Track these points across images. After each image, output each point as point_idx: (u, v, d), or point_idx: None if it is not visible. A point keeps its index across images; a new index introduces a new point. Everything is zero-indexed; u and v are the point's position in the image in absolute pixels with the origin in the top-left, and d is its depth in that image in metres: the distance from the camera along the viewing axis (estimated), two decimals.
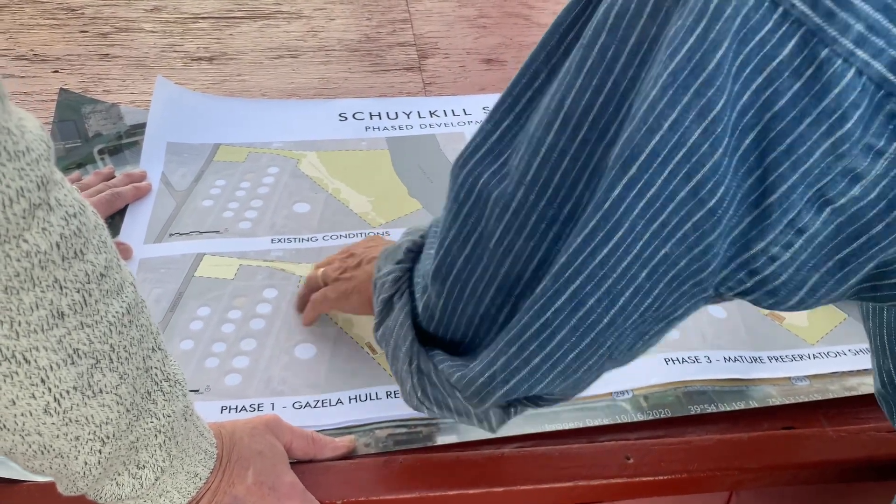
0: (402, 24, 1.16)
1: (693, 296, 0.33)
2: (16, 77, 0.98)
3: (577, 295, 0.33)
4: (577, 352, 0.35)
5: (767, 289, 0.32)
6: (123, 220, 0.74)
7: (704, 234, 0.30)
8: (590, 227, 0.32)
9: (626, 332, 0.35)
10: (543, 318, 0.35)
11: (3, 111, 0.27)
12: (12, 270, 0.29)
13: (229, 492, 0.45)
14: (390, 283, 0.46)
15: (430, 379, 0.43)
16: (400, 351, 0.44)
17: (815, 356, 0.62)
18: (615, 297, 0.33)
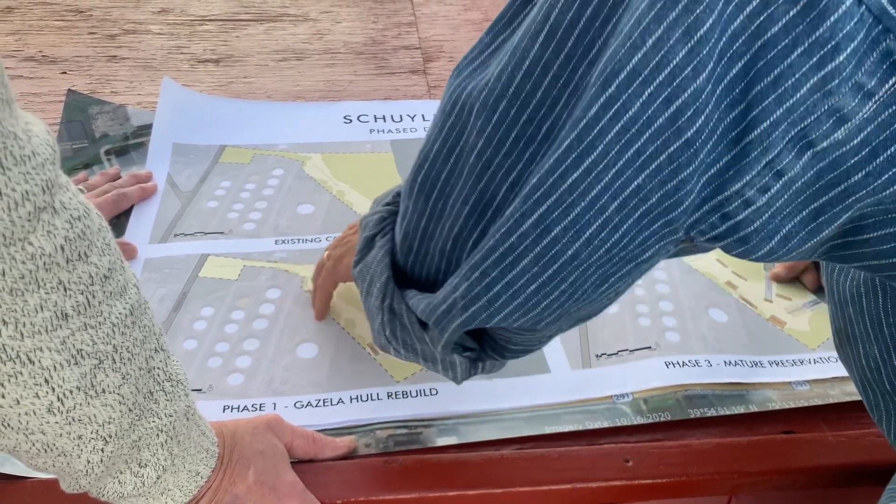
0: (407, 27, 1.17)
1: (663, 237, 0.32)
2: (24, 78, 0.99)
3: (543, 220, 0.32)
4: (538, 283, 0.34)
5: (739, 235, 0.31)
6: (129, 221, 0.75)
7: (679, 168, 0.29)
8: (563, 148, 0.30)
9: (590, 270, 0.33)
10: (508, 243, 0.33)
11: (10, 115, 0.28)
12: (17, 273, 0.30)
13: (230, 490, 0.46)
14: (375, 222, 0.45)
15: (402, 320, 0.42)
16: (374, 286, 0.43)
17: (815, 361, 0.63)
18: (582, 227, 0.31)
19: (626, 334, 0.64)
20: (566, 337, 0.64)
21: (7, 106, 0.27)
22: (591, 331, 0.65)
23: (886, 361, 0.42)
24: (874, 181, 0.29)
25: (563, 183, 0.31)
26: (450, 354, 0.42)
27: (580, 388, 0.59)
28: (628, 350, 0.63)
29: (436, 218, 0.38)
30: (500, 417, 0.57)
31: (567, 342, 0.64)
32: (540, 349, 0.43)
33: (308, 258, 0.72)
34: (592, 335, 0.64)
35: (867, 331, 0.42)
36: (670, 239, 0.32)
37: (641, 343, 0.63)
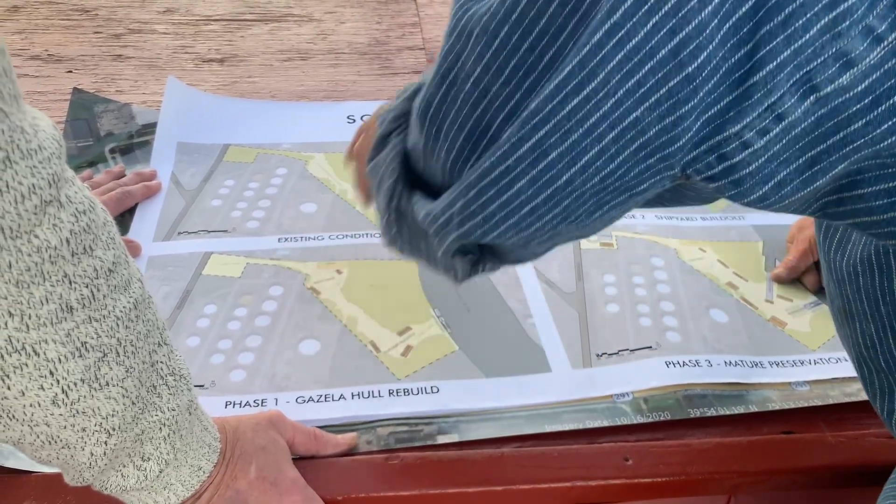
0: (411, 27, 1.17)
1: (658, 171, 0.32)
2: (30, 77, 0.99)
3: (541, 145, 0.32)
4: (532, 205, 0.34)
5: (733, 177, 0.31)
6: (133, 219, 0.75)
7: (678, 104, 0.29)
8: (564, 74, 0.30)
9: (585, 196, 0.33)
10: (504, 165, 0.33)
11: (17, 110, 0.28)
12: (23, 265, 0.30)
13: (232, 486, 0.46)
14: (390, 120, 0.45)
15: (407, 220, 0.42)
16: (383, 185, 0.43)
17: (815, 362, 0.63)
18: (578, 154, 0.31)
19: (627, 334, 0.64)
20: (567, 336, 0.64)
21: (15, 101, 0.28)
22: (592, 330, 0.65)
23: (882, 339, 0.42)
24: (873, 130, 0.29)
25: (562, 108, 0.31)
26: (450, 259, 0.43)
27: (581, 388, 0.60)
28: (629, 350, 0.63)
29: (432, 140, 0.38)
30: (501, 416, 0.58)
31: (568, 341, 0.64)
32: (537, 259, 0.43)
33: (311, 256, 0.72)
34: (593, 335, 0.64)
35: (864, 308, 0.42)
36: (666, 174, 0.32)
37: (642, 343, 0.63)
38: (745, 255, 0.75)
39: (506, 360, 0.62)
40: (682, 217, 0.79)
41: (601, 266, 0.72)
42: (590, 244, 0.75)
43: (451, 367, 0.61)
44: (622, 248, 0.74)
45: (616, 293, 0.69)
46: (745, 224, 0.79)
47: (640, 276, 0.71)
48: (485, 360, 0.62)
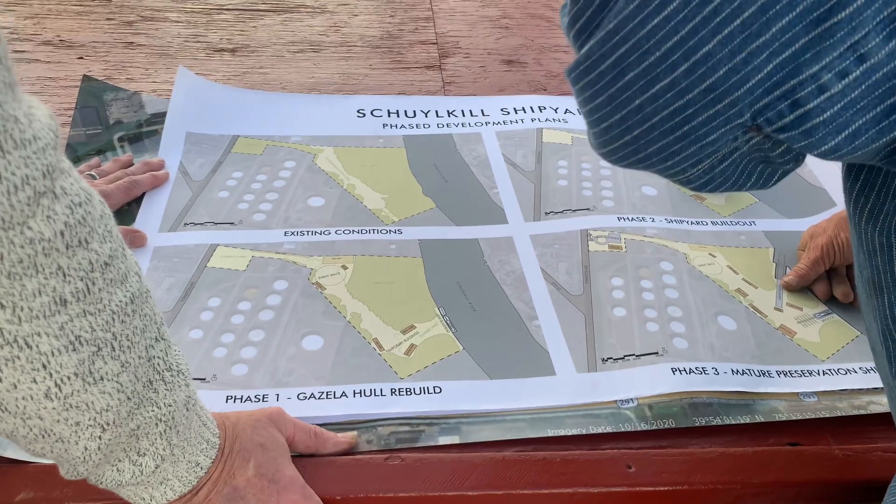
0: (424, 22, 1.16)
1: (728, 119, 0.31)
2: (41, 62, 0.99)
3: (620, 63, 0.31)
4: (608, 123, 0.34)
5: (806, 127, 0.30)
6: (140, 208, 0.75)
7: (749, 38, 0.28)
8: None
9: (655, 132, 0.33)
10: (589, 77, 0.33)
11: (12, 99, 0.28)
12: (16, 257, 0.29)
13: (229, 482, 0.46)
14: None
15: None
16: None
17: (824, 372, 0.62)
18: (652, 80, 0.31)
19: (634, 339, 0.63)
20: (573, 339, 0.63)
21: (9, 89, 0.27)
22: (598, 334, 0.64)
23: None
24: None
25: (642, 28, 0.30)
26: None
27: (585, 392, 0.59)
28: (635, 355, 0.62)
29: None
30: (504, 418, 0.57)
31: (573, 345, 0.63)
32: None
33: (316, 250, 0.72)
34: (599, 339, 0.64)
35: (895, 281, 0.41)
36: (736, 122, 0.31)
37: (648, 348, 0.62)
38: (755, 261, 0.74)
39: (510, 362, 0.61)
40: (692, 221, 0.78)
41: (609, 269, 0.71)
42: (598, 246, 0.74)
43: (454, 368, 0.61)
44: (631, 251, 0.73)
45: (623, 297, 0.68)
46: (756, 230, 0.78)
47: (648, 280, 0.70)
48: (489, 361, 0.61)
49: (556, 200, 0.80)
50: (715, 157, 0.34)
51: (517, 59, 1.08)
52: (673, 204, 0.80)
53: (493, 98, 0.96)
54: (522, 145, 0.88)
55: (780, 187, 0.88)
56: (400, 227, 0.75)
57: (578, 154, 0.86)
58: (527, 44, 1.12)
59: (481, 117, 0.92)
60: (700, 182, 0.36)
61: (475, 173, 0.83)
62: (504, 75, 1.04)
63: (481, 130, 0.90)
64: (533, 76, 1.04)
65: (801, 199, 0.82)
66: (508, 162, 0.85)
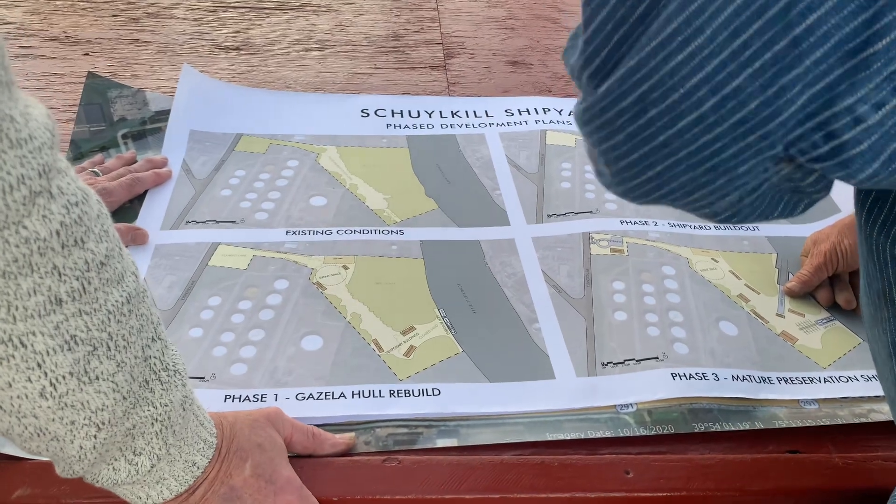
0: (430, 21, 1.16)
1: (759, 151, 0.31)
2: (47, 58, 0.99)
3: (643, 99, 0.31)
4: (628, 161, 0.33)
5: (841, 159, 0.29)
6: (142, 206, 0.75)
7: (781, 71, 0.28)
8: (674, 26, 0.29)
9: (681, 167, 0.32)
10: (606, 116, 0.32)
11: (8, 98, 0.27)
12: (10, 256, 0.29)
13: (226, 482, 0.46)
14: None
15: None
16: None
17: (826, 380, 0.61)
18: (677, 116, 0.30)
19: (634, 343, 0.63)
20: (573, 343, 0.63)
21: (6, 88, 0.27)
22: (599, 338, 0.64)
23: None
24: None
25: (666, 64, 0.30)
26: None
27: (584, 396, 0.59)
28: (635, 359, 0.62)
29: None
30: (502, 422, 0.57)
31: (573, 348, 0.63)
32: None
33: (318, 250, 0.72)
34: (599, 342, 0.63)
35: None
36: (767, 154, 0.31)
37: (649, 353, 0.62)
38: (757, 266, 0.73)
39: (509, 365, 0.61)
40: (695, 226, 0.78)
41: (611, 272, 0.71)
42: (600, 249, 0.73)
43: (453, 370, 0.60)
44: (633, 255, 0.73)
45: (625, 301, 0.68)
46: (759, 235, 0.77)
47: (649, 284, 0.70)
48: (488, 364, 0.61)
49: (559, 203, 0.79)
50: (744, 189, 0.33)
51: (522, 61, 1.08)
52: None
53: (497, 99, 0.96)
54: (526, 147, 0.88)
55: None
56: (402, 227, 0.75)
57: (582, 156, 0.86)
58: (532, 45, 1.12)
59: (485, 118, 0.92)
60: (726, 215, 0.36)
61: (478, 174, 0.83)
62: (509, 76, 1.04)
63: (485, 132, 0.90)
64: (538, 77, 1.04)
65: None
66: (511, 163, 0.85)
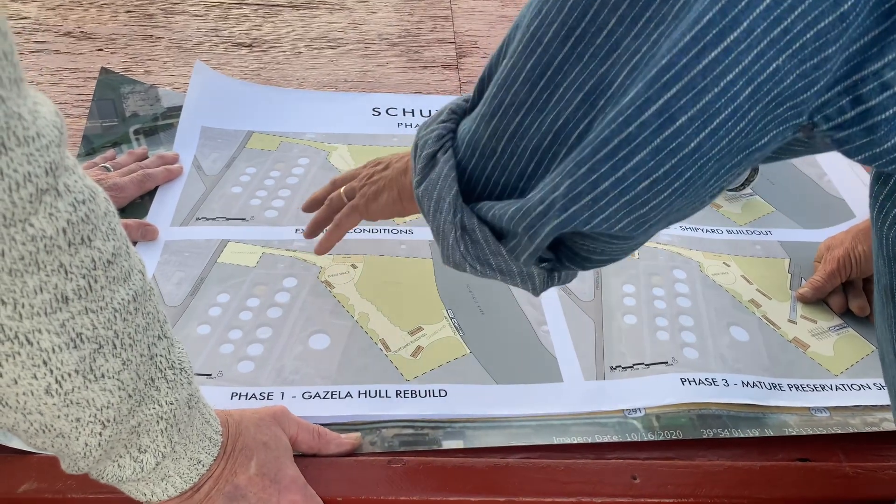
0: (443, 20, 1.16)
1: (785, 120, 0.29)
2: (61, 53, 1.00)
3: (668, 108, 0.29)
4: (651, 179, 0.31)
5: (867, 124, 0.29)
6: (153, 202, 0.75)
7: (824, 46, 0.27)
8: (704, 22, 0.27)
9: (709, 163, 0.31)
10: (625, 133, 0.31)
11: (17, 95, 0.27)
12: (17, 254, 0.29)
13: (231, 480, 0.46)
14: (433, 139, 0.43)
15: (473, 236, 0.41)
16: (444, 202, 0.42)
17: (837, 387, 0.61)
18: (710, 116, 0.29)
19: (644, 348, 0.63)
20: (582, 346, 0.63)
21: (15, 85, 0.27)
22: (608, 341, 0.63)
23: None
24: None
25: (697, 64, 0.28)
26: (528, 266, 0.41)
27: (592, 400, 0.58)
28: (644, 364, 0.61)
29: (537, 109, 0.35)
30: (509, 424, 0.56)
31: (582, 352, 0.62)
32: (623, 258, 0.40)
33: None
34: (608, 346, 0.63)
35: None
36: (792, 123, 0.30)
37: (658, 358, 0.62)
38: (770, 271, 0.72)
39: (517, 368, 0.61)
40: (707, 229, 0.77)
41: (621, 275, 0.70)
42: None
43: (460, 371, 0.60)
44: (644, 258, 0.72)
45: (634, 304, 0.67)
46: (772, 240, 0.77)
47: (660, 287, 0.69)
48: (496, 365, 0.61)
49: None
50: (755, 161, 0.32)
51: None
52: None
53: None
54: None
55: (799, 197, 0.86)
56: (411, 227, 0.75)
57: None
58: None
59: None
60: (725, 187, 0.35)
61: None
62: None
63: None
64: None
65: (820, 210, 0.81)
66: None
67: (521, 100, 0.36)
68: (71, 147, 0.80)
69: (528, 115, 0.36)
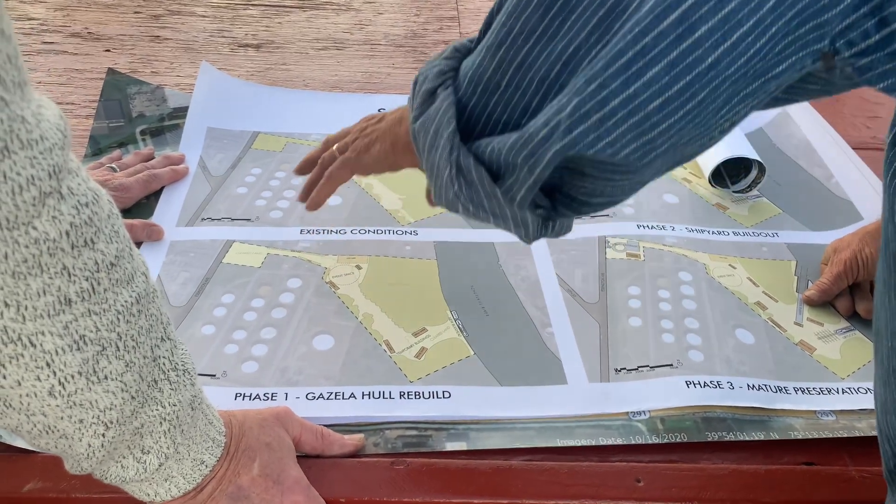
0: (449, 21, 1.16)
1: (806, 44, 0.28)
2: (69, 54, 1.00)
3: (688, 17, 0.28)
4: (663, 98, 0.30)
5: (892, 48, 0.27)
6: (158, 202, 0.76)
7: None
8: None
9: (724, 84, 0.29)
10: (640, 45, 0.29)
11: (20, 98, 0.28)
12: (20, 256, 0.30)
13: (234, 481, 0.46)
14: (434, 75, 0.42)
15: (468, 177, 0.40)
16: (440, 138, 0.40)
17: (843, 391, 0.60)
18: (731, 28, 0.28)
19: (648, 350, 0.63)
20: (586, 348, 0.63)
21: (18, 89, 0.27)
22: (612, 344, 0.63)
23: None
24: None
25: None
26: (523, 210, 0.39)
27: (596, 402, 0.58)
28: (649, 366, 0.61)
29: (548, 37, 0.34)
30: (513, 426, 0.56)
31: (586, 354, 0.62)
32: (621, 201, 0.38)
33: (332, 249, 0.72)
34: (613, 349, 0.63)
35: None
36: (812, 48, 0.29)
37: (663, 360, 0.61)
38: (776, 274, 0.72)
39: (521, 369, 0.61)
40: (713, 231, 0.77)
41: (626, 277, 0.70)
42: (616, 253, 0.73)
43: (464, 373, 0.60)
44: (649, 260, 0.72)
45: (640, 306, 0.67)
46: (779, 242, 0.76)
47: (665, 289, 0.69)
48: (500, 367, 0.61)
49: None
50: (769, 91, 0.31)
51: None
52: (694, 213, 0.79)
53: None
54: None
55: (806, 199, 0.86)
56: (416, 228, 0.75)
57: None
58: None
59: None
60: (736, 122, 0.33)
61: None
62: None
63: None
64: None
65: (827, 211, 0.81)
66: None
67: (531, 27, 0.35)
68: (77, 147, 0.81)
69: (539, 44, 0.35)
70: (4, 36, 0.27)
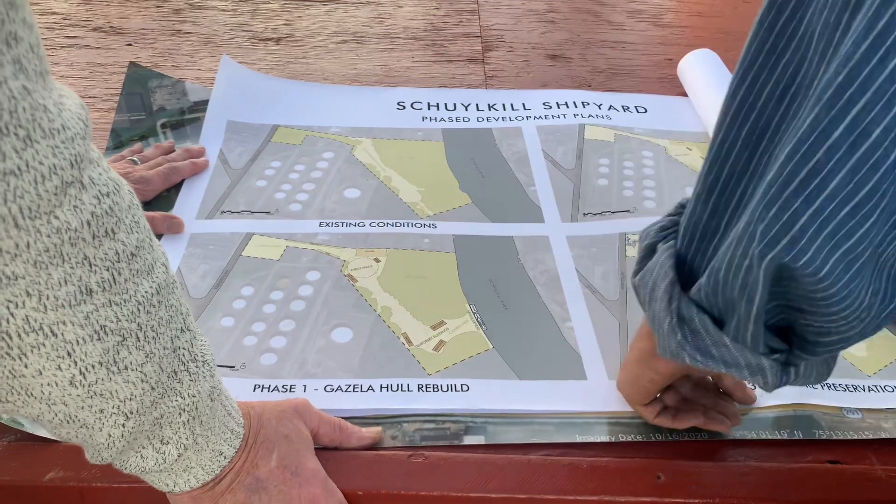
0: (469, 14, 1.15)
1: None
2: (91, 48, 1.01)
3: (859, 123, 0.27)
4: (851, 206, 0.29)
5: None
6: (178, 195, 0.76)
7: None
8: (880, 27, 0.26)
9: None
10: (812, 162, 0.29)
11: (42, 88, 0.28)
12: (42, 246, 0.30)
13: (252, 472, 0.46)
14: (655, 230, 0.43)
15: (692, 325, 0.39)
16: (658, 290, 0.41)
17: (870, 388, 0.59)
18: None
19: None
20: (606, 345, 0.62)
21: (41, 77, 0.27)
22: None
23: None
24: None
25: (883, 69, 0.26)
26: (756, 352, 0.39)
27: (616, 400, 0.57)
28: None
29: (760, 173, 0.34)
30: (531, 421, 0.56)
31: (606, 350, 0.62)
32: (858, 341, 0.37)
33: (350, 242, 0.72)
34: None
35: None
36: None
37: None
38: None
39: (540, 364, 0.60)
40: None
41: None
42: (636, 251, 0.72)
43: (483, 366, 0.60)
44: None
45: None
46: None
47: None
48: (519, 361, 0.60)
49: (596, 200, 0.78)
50: None
51: (562, 54, 1.07)
52: None
53: (536, 92, 0.95)
54: (563, 142, 0.86)
55: None
56: (435, 221, 0.75)
57: (621, 152, 0.85)
58: (572, 38, 1.10)
59: (522, 111, 0.91)
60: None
61: (513, 169, 0.82)
62: (547, 70, 1.03)
63: (522, 125, 0.89)
64: (577, 72, 1.02)
65: None
66: (548, 158, 0.84)
67: (741, 168, 0.35)
68: (99, 140, 0.81)
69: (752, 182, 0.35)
70: (27, 25, 0.27)
